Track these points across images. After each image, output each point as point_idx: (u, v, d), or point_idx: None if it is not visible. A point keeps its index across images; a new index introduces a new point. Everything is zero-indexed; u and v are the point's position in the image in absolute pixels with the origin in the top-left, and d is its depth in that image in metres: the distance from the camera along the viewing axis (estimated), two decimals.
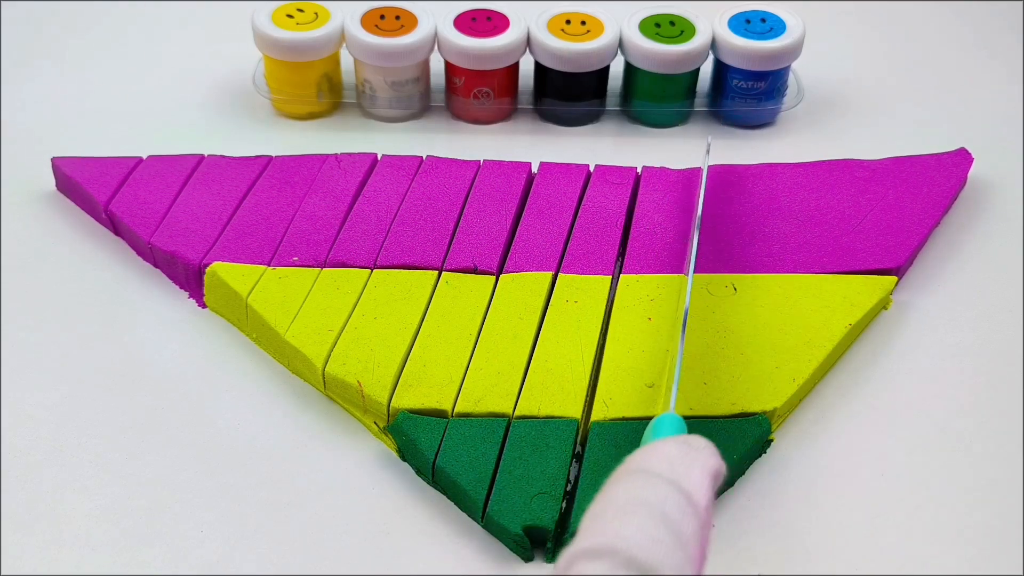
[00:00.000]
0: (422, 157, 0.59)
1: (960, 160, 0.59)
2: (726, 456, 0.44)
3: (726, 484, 0.44)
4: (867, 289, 0.51)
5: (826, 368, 0.49)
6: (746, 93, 0.63)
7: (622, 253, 0.54)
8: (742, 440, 0.45)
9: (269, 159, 0.59)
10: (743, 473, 0.45)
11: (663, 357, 0.48)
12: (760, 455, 0.46)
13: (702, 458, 0.36)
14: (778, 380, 0.47)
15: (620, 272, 0.52)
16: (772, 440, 0.46)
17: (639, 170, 0.58)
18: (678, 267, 0.52)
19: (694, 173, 0.58)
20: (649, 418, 0.45)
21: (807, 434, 0.47)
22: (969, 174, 0.59)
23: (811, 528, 0.43)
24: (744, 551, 0.43)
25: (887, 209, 0.56)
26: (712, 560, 0.42)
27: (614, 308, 0.50)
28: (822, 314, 0.50)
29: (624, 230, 0.55)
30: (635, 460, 0.36)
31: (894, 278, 0.52)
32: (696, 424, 0.45)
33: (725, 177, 0.58)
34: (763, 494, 0.45)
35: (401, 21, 0.62)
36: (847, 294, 0.51)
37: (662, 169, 0.58)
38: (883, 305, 0.52)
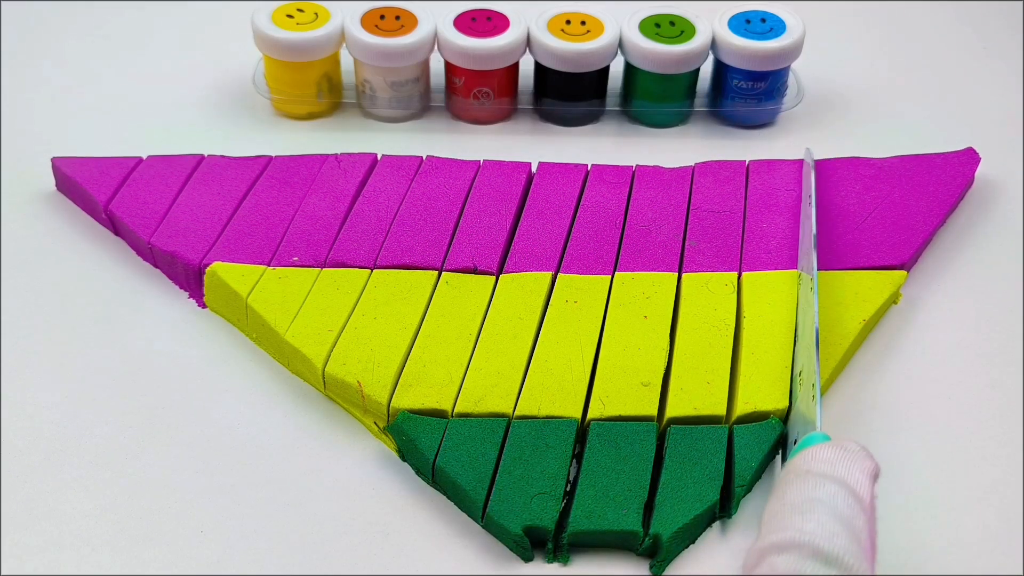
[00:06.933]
0: (422, 157, 0.59)
1: (967, 159, 0.59)
2: (746, 464, 0.44)
3: (745, 489, 0.44)
4: (878, 284, 0.51)
5: (842, 366, 0.49)
6: (746, 93, 0.63)
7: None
8: (759, 446, 0.44)
9: (269, 159, 0.59)
10: (759, 478, 0.45)
11: (660, 355, 0.47)
12: (775, 456, 0.45)
13: (859, 459, 0.38)
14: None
15: (616, 270, 0.52)
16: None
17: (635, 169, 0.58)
18: (672, 264, 0.52)
19: (687, 172, 0.58)
20: (645, 417, 0.45)
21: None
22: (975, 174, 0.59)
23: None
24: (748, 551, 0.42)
25: (893, 206, 0.56)
26: (716, 560, 0.42)
27: (609, 306, 0.50)
28: (835, 311, 0.50)
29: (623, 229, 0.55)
30: (797, 465, 0.38)
31: (904, 272, 0.52)
32: (707, 430, 0.45)
33: (728, 174, 0.58)
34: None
35: (401, 21, 0.62)
36: (859, 290, 0.51)
37: (656, 168, 0.58)
38: (893, 300, 0.52)
